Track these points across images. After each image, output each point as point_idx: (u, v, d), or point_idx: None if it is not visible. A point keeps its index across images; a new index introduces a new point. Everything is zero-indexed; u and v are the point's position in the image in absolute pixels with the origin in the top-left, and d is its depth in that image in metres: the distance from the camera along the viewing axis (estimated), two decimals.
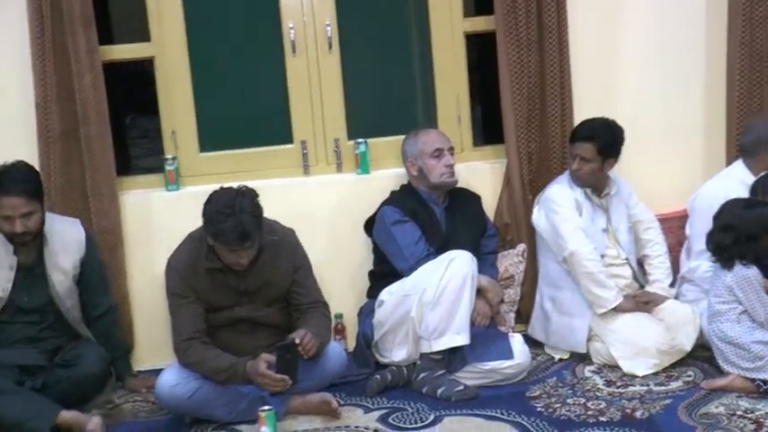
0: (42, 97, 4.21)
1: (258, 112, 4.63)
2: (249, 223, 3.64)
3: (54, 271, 3.91)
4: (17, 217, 3.76)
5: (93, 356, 3.87)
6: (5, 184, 3.77)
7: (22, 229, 3.78)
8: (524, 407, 3.74)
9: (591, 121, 4.21)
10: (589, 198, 4.23)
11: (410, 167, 4.29)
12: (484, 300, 4.15)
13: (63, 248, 3.94)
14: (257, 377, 3.63)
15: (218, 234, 3.66)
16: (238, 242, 3.65)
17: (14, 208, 3.76)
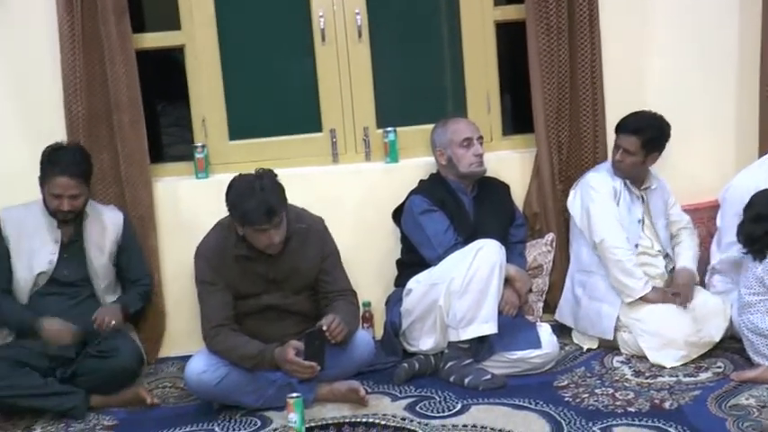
0: (72, 84, 4.24)
1: (288, 100, 4.64)
2: (273, 199, 3.66)
3: (92, 247, 4.04)
4: (66, 197, 3.92)
5: (129, 350, 3.94)
6: (61, 164, 3.92)
7: (69, 208, 3.94)
8: (552, 396, 3.74)
9: (638, 114, 4.17)
10: (628, 188, 4.21)
11: (439, 156, 4.28)
12: (512, 289, 4.14)
13: (101, 227, 4.08)
14: (285, 364, 3.64)
15: (245, 216, 3.67)
16: (266, 219, 3.65)
17: (65, 188, 3.92)
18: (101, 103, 4.29)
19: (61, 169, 3.91)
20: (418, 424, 3.57)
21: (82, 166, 3.98)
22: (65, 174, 3.91)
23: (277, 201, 3.69)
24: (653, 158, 4.19)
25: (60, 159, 3.93)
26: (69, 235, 4.05)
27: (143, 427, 3.72)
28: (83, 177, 3.97)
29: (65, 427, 3.78)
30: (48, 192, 3.96)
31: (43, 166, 3.97)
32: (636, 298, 4.08)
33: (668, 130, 4.17)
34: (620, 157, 4.16)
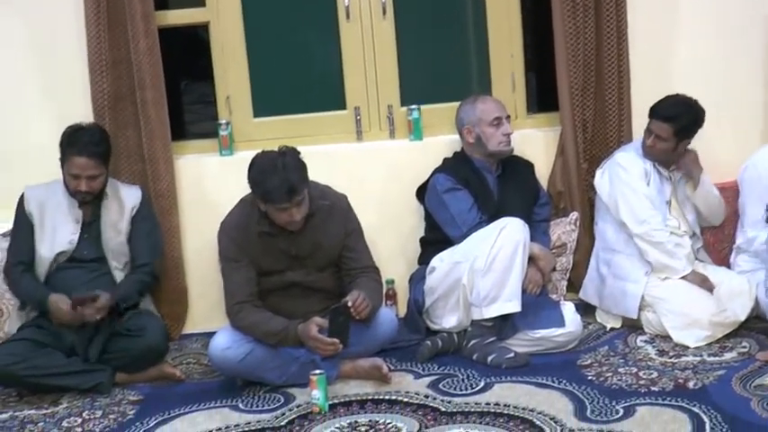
0: (97, 62, 4.25)
1: (312, 77, 4.64)
2: (295, 178, 3.66)
3: (107, 228, 4.05)
4: (83, 177, 3.94)
5: (156, 329, 3.96)
6: (79, 144, 3.94)
7: (86, 189, 3.96)
8: (575, 375, 3.73)
9: (673, 101, 4.11)
10: (657, 169, 4.19)
11: (466, 135, 4.26)
12: (536, 268, 4.13)
13: (119, 207, 4.08)
14: (308, 340, 3.66)
15: (266, 194, 3.68)
16: (286, 198, 3.66)
17: (83, 168, 3.94)
18: (125, 82, 4.31)
19: (79, 150, 3.93)
20: (441, 401, 3.58)
21: (100, 147, 3.98)
22: (82, 154, 3.93)
23: (298, 179, 3.69)
24: (684, 145, 4.16)
25: (79, 140, 3.95)
26: (89, 215, 4.07)
27: (167, 403, 3.75)
28: (101, 158, 3.98)
29: (90, 401, 3.82)
30: (67, 172, 3.99)
31: (63, 146, 4.00)
32: (677, 278, 4.07)
33: (702, 117, 4.12)
34: (651, 143, 4.12)
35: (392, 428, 3.38)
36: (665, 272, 4.10)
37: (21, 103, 4.39)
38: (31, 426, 3.63)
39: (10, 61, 4.38)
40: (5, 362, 3.78)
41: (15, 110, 4.38)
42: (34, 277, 4.03)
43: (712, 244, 4.45)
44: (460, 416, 3.45)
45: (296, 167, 3.70)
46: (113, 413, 3.70)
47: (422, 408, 3.54)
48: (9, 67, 4.39)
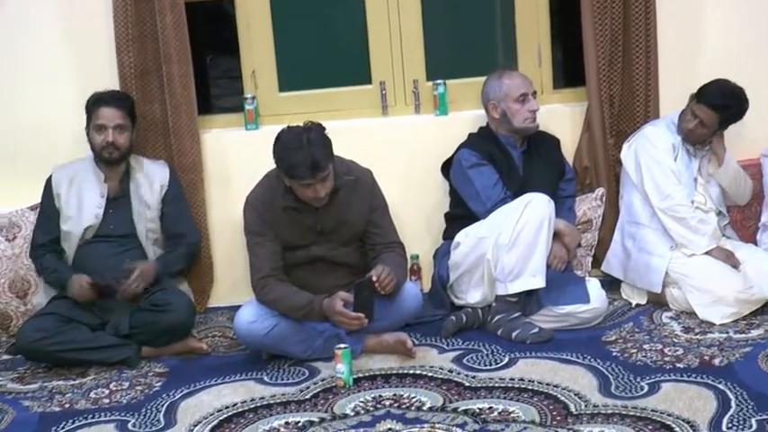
0: (123, 36, 4.26)
1: (337, 52, 4.64)
2: (319, 154, 3.65)
3: (136, 202, 4.09)
4: (111, 127, 4.01)
5: (182, 304, 3.98)
6: (105, 97, 4.06)
7: (113, 139, 4.01)
8: (600, 351, 3.73)
9: (724, 89, 4.05)
10: (685, 145, 4.16)
11: (492, 110, 4.24)
12: (561, 243, 4.12)
13: (148, 182, 4.12)
14: (334, 315, 3.67)
15: (291, 169, 3.68)
16: (311, 173, 3.66)
17: (110, 118, 4.02)
18: (151, 56, 4.31)
19: (105, 101, 4.03)
20: (465, 376, 3.59)
21: (126, 101, 4.08)
22: (109, 105, 4.03)
23: (323, 155, 3.68)
24: (721, 132, 4.12)
25: (103, 95, 4.06)
26: (116, 190, 4.10)
27: (193, 375, 3.78)
28: (126, 110, 4.07)
29: (118, 372, 3.86)
30: (93, 126, 4.04)
31: (88, 107, 4.08)
32: (700, 253, 4.05)
33: (747, 108, 4.09)
34: (693, 127, 4.08)
35: (416, 403, 3.39)
36: (689, 247, 4.08)
37: (48, 77, 4.40)
38: (60, 396, 3.67)
39: (37, 36, 4.40)
40: (33, 338, 3.82)
41: (42, 84, 4.40)
42: (56, 258, 4.08)
43: (739, 221, 4.42)
44: (485, 391, 3.45)
45: (321, 143, 3.70)
46: (140, 385, 3.74)
47: (446, 382, 3.55)
48: (36, 42, 4.40)
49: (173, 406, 3.52)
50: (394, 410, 3.34)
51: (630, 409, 3.21)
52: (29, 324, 3.92)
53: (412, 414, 3.30)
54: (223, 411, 3.44)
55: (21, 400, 3.66)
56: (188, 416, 3.43)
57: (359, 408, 3.39)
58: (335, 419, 3.32)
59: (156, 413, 3.47)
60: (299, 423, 3.30)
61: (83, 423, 3.43)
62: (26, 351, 3.89)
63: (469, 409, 3.30)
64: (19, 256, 4.28)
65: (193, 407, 3.50)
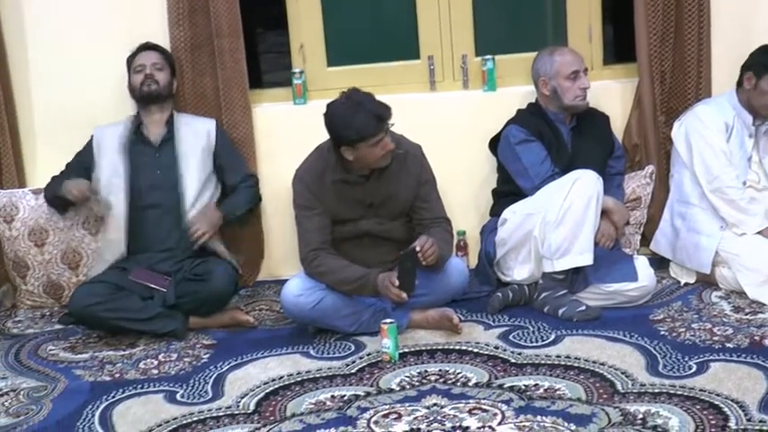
0: (176, 10, 4.29)
1: (386, 26, 4.63)
2: (375, 106, 3.69)
3: (180, 147, 4.16)
4: (149, 65, 4.15)
5: (223, 274, 4.01)
6: (145, 46, 4.21)
7: (151, 72, 4.13)
8: (647, 330, 3.70)
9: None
10: (741, 123, 4.09)
11: (542, 86, 4.20)
12: (609, 221, 4.08)
13: (193, 132, 4.20)
14: (385, 289, 3.66)
15: (359, 131, 3.66)
16: (379, 126, 3.66)
17: (148, 58, 4.18)
18: (203, 30, 4.34)
19: (142, 48, 4.18)
20: (511, 353, 3.59)
21: (163, 52, 4.21)
22: (146, 49, 4.17)
23: (379, 106, 3.70)
24: None
25: (143, 45, 4.20)
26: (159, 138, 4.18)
27: (240, 348, 3.81)
28: (164, 54, 4.21)
29: (166, 344, 3.91)
30: (133, 71, 4.17)
31: (128, 62, 4.21)
32: (754, 233, 4.01)
33: None
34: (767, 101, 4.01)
35: (462, 378, 3.40)
36: (740, 227, 4.03)
37: (100, 51, 4.44)
38: (110, 366, 3.73)
39: (89, 10, 4.44)
40: (87, 302, 3.88)
41: (94, 58, 4.45)
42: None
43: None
44: (530, 367, 3.45)
45: (368, 98, 3.72)
46: (188, 356, 3.78)
47: (492, 359, 3.55)
48: (88, 16, 4.45)
49: (220, 378, 3.56)
50: (439, 386, 3.35)
51: (678, 389, 3.18)
52: (82, 289, 3.98)
53: (457, 390, 3.31)
54: (269, 384, 3.47)
55: (73, 369, 3.73)
56: (235, 388, 3.46)
57: (404, 383, 3.40)
58: (381, 394, 3.33)
59: (204, 385, 3.51)
60: (345, 397, 3.33)
61: (132, 393, 3.48)
62: (78, 315, 3.94)
63: (515, 386, 3.30)
64: (71, 228, 4.36)
65: (240, 379, 3.53)
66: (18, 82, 4.50)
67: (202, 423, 3.21)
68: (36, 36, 4.47)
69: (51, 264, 4.38)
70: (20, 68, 4.49)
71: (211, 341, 3.92)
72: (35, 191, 4.43)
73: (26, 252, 4.38)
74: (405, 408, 3.20)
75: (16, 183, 4.47)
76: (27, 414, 3.37)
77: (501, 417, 3.08)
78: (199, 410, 3.31)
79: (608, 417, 3.03)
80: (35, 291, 4.43)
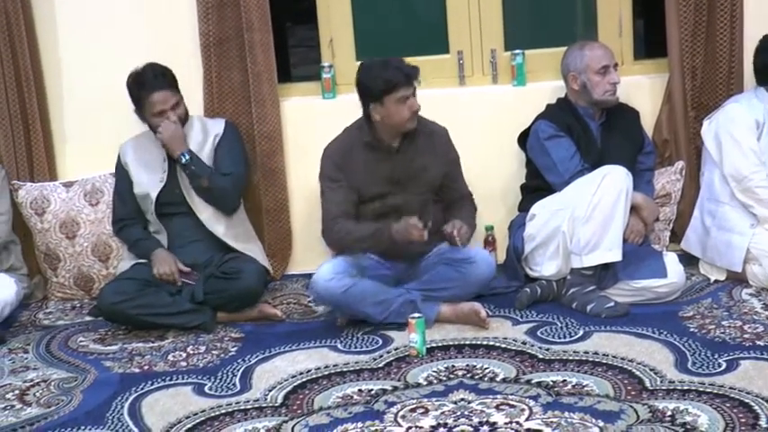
0: (204, 3, 4.30)
1: (415, 20, 4.62)
2: (405, 65, 3.79)
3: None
4: (169, 109, 4.06)
5: (252, 272, 4.04)
6: (149, 82, 4.06)
7: (175, 118, 4.07)
8: (677, 326, 3.68)
9: None
10: None
11: (571, 81, 4.18)
12: (638, 217, 4.07)
13: (204, 137, 4.19)
14: (407, 229, 3.69)
15: (387, 82, 3.75)
16: (407, 80, 3.76)
17: (164, 101, 4.07)
18: (231, 23, 4.35)
19: (152, 86, 4.05)
20: (539, 349, 3.58)
21: (166, 77, 4.10)
22: (156, 89, 4.05)
23: (407, 65, 3.79)
24: None
25: (145, 80, 4.06)
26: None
27: (268, 341, 3.83)
28: (173, 85, 4.11)
29: (195, 336, 3.93)
30: (150, 114, 4.09)
31: (134, 94, 4.10)
32: None
33: None
34: None
35: (489, 374, 3.40)
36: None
37: (129, 44, 4.47)
38: (139, 358, 3.76)
39: (118, 4, 4.47)
40: (114, 300, 3.91)
41: (123, 51, 4.46)
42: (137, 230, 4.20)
43: None
44: (558, 363, 3.44)
45: (397, 58, 3.82)
46: (216, 349, 3.80)
47: (519, 354, 3.54)
48: (117, 10, 4.48)
49: (248, 370, 3.57)
50: (467, 381, 3.35)
51: (708, 386, 3.16)
52: (110, 287, 4.02)
53: (485, 385, 3.31)
54: (297, 377, 3.48)
55: (102, 361, 3.76)
56: (263, 381, 3.48)
57: (432, 377, 3.41)
58: (408, 388, 3.33)
59: (232, 377, 3.53)
60: (372, 391, 3.33)
61: (161, 385, 3.50)
62: (106, 312, 3.99)
63: (543, 382, 3.29)
64: (101, 221, 4.39)
65: (268, 372, 3.55)
66: (49, 77, 4.53)
67: (230, 415, 3.23)
68: (67, 30, 4.51)
69: (82, 256, 4.42)
70: (51, 63, 4.53)
71: (239, 334, 3.94)
72: (66, 184, 4.48)
73: (57, 244, 4.42)
74: (432, 402, 3.20)
75: (47, 176, 4.51)
76: (57, 405, 3.41)
77: (528, 412, 3.07)
78: (227, 403, 3.32)
79: (636, 413, 3.02)
80: (66, 283, 4.48)
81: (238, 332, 3.96)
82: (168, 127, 4.06)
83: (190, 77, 4.18)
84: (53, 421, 3.29)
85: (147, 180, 4.15)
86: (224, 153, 4.19)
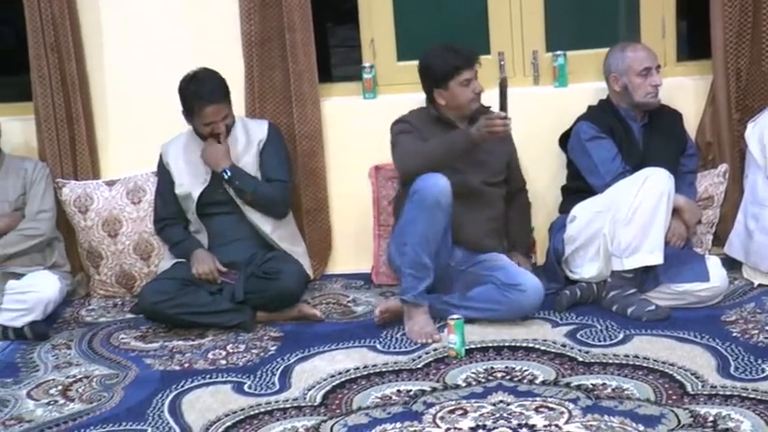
0: (247, 3, 4.33)
1: (457, 21, 4.61)
2: (466, 50, 3.91)
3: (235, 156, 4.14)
4: (219, 121, 4.08)
5: (292, 272, 4.06)
6: (206, 94, 4.06)
7: (224, 129, 4.10)
8: (719, 331, 3.64)
9: None
10: None
11: (613, 83, 4.16)
12: (680, 220, 4.02)
13: (247, 142, 4.19)
14: (489, 124, 3.69)
15: (452, 67, 3.85)
16: (469, 63, 3.88)
17: (217, 114, 4.08)
18: (274, 23, 4.37)
19: (208, 99, 4.05)
20: (578, 351, 3.56)
21: (223, 89, 4.10)
22: (212, 103, 4.05)
23: (468, 50, 3.90)
24: None
25: (203, 91, 4.06)
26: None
27: (307, 341, 3.84)
28: (227, 98, 4.12)
29: (234, 335, 3.96)
30: (200, 123, 4.11)
31: (186, 101, 4.10)
32: None
33: None
34: None
35: (528, 376, 3.38)
36: None
37: (172, 44, 4.51)
38: (180, 356, 3.79)
39: (162, 3, 4.51)
40: (155, 299, 3.95)
41: (166, 52, 4.51)
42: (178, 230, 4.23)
43: None
44: (598, 366, 3.41)
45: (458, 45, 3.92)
46: (256, 348, 3.82)
47: (559, 357, 3.53)
48: (160, 10, 4.52)
49: (287, 370, 3.59)
50: (506, 383, 3.34)
51: (751, 392, 3.12)
52: (150, 286, 4.06)
53: (524, 387, 3.29)
54: (336, 377, 3.49)
55: (143, 358, 3.80)
56: (302, 380, 3.49)
57: (470, 379, 3.40)
58: (447, 389, 3.33)
59: (271, 376, 3.54)
60: (411, 392, 3.33)
61: (201, 383, 3.53)
62: (147, 311, 4.03)
63: (582, 385, 3.27)
64: (143, 220, 4.43)
65: (307, 371, 3.56)
66: (94, 78, 4.58)
67: (269, 414, 3.24)
68: (111, 29, 4.56)
69: (124, 254, 4.47)
70: (96, 65, 4.58)
71: (279, 333, 3.96)
72: (109, 182, 4.52)
73: (100, 242, 4.47)
74: (471, 404, 3.19)
75: (90, 174, 4.56)
76: (99, 401, 3.44)
77: (568, 415, 3.06)
78: (266, 401, 3.33)
79: (677, 418, 2.99)
80: (108, 280, 4.53)
81: (278, 331, 3.98)
82: (210, 146, 4.09)
83: (232, 77, 4.20)
84: (95, 417, 3.32)
85: (189, 180, 4.18)
86: (269, 158, 4.20)
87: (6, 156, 4.39)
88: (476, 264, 3.96)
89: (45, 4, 4.37)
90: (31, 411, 3.41)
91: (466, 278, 3.94)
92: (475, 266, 3.95)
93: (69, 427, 3.27)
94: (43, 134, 4.51)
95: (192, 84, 4.08)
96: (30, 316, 4.06)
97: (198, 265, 4.07)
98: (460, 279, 3.96)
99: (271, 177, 4.17)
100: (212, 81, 4.09)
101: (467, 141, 3.77)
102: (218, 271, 4.07)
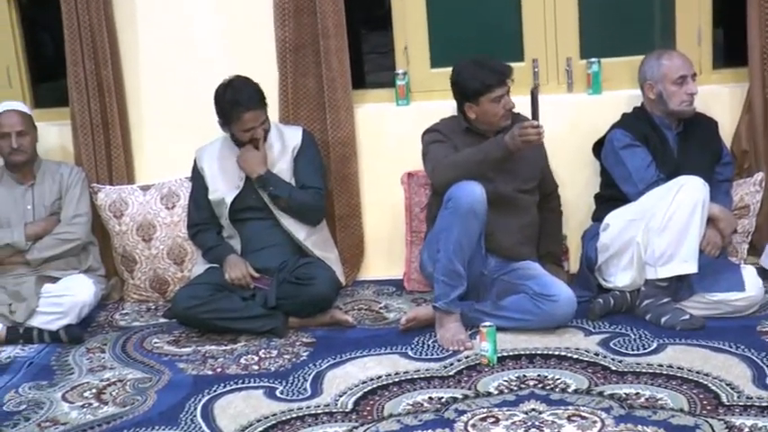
0: (281, 9, 4.35)
1: (490, 28, 4.59)
2: (500, 65, 3.88)
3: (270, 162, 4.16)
4: (258, 127, 4.09)
5: (324, 278, 4.07)
6: (244, 101, 4.08)
7: (262, 134, 4.13)
8: (754, 341, 3.60)
9: None
10: None
11: (648, 90, 4.13)
12: (715, 229, 3.99)
13: (282, 148, 4.21)
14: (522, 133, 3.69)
15: (483, 82, 3.84)
16: (501, 79, 3.85)
17: (255, 120, 4.11)
18: (307, 30, 4.39)
19: (246, 106, 4.07)
20: (611, 360, 3.54)
21: (259, 95, 4.12)
22: (250, 109, 4.08)
23: (501, 65, 3.88)
24: None
25: (240, 98, 4.07)
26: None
27: (338, 346, 3.84)
28: (264, 105, 4.14)
29: (267, 340, 3.97)
30: (238, 130, 4.13)
31: (225, 109, 4.11)
32: None
33: None
34: None
35: (561, 384, 3.37)
36: None
37: (207, 50, 4.55)
38: (212, 360, 3.81)
39: (196, 10, 4.54)
40: (188, 304, 3.97)
41: (201, 58, 4.55)
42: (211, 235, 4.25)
43: None
44: (631, 376, 3.39)
45: (492, 58, 3.90)
46: (288, 353, 3.83)
47: (592, 365, 3.51)
48: (195, 17, 4.55)
49: (319, 375, 3.59)
50: (538, 391, 3.33)
51: None
52: (183, 291, 4.08)
53: (556, 396, 3.28)
54: (368, 383, 3.49)
55: (176, 362, 3.82)
56: (333, 386, 3.49)
57: (503, 386, 3.39)
58: (479, 397, 3.32)
59: (303, 382, 3.55)
60: (443, 399, 3.32)
61: (233, 388, 3.54)
62: (180, 316, 4.05)
63: (615, 394, 3.25)
64: (177, 224, 4.46)
65: (339, 377, 3.57)
66: (130, 84, 4.62)
67: (301, 420, 3.25)
68: (146, 35, 4.59)
69: (158, 259, 4.50)
70: (131, 71, 4.62)
71: (311, 339, 3.97)
72: (143, 187, 4.56)
73: (134, 247, 4.51)
74: (503, 412, 3.18)
75: (125, 179, 4.60)
76: (133, 404, 3.47)
77: (601, 425, 3.04)
78: (298, 407, 3.34)
79: (712, 429, 2.97)
80: (141, 285, 4.56)
81: (310, 337, 3.99)
82: (247, 152, 4.12)
83: (266, 84, 4.22)
84: (128, 420, 3.35)
85: (222, 186, 4.20)
86: (304, 165, 4.22)
87: (43, 161, 4.45)
88: (509, 272, 3.95)
89: (83, 11, 4.42)
90: (66, 414, 3.45)
91: (498, 286, 3.94)
92: (508, 275, 3.94)
93: (103, 429, 3.30)
94: (79, 139, 4.56)
95: (228, 91, 4.10)
96: (65, 319, 4.11)
97: (231, 270, 4.08)
98: (493, 287, 3.95)
99: (305, 184, 4.19)
100: (248, 88, 4.11)
101: (501, 150, 3.77)
102: (251, 276, 4.08)
